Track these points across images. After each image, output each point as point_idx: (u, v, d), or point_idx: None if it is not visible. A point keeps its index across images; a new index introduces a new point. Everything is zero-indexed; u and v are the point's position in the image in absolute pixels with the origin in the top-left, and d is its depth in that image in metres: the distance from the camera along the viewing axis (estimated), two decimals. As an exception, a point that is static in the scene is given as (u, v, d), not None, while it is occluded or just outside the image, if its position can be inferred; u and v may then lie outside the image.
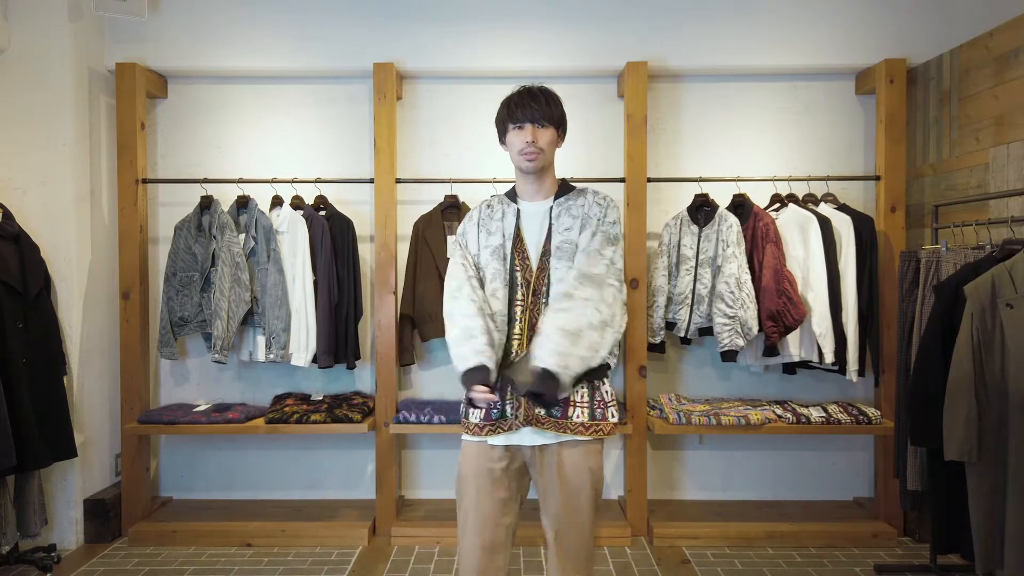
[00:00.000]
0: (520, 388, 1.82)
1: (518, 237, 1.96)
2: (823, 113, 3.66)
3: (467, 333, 1.86)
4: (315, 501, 3.69)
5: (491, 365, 1.82)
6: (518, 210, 1.99)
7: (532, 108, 1.90)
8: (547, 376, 1.73)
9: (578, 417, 1.88)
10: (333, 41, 3.54)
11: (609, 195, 2.00)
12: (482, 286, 1.95)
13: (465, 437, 1.96)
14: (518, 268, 1.93)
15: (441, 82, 3.67)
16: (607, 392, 1.93)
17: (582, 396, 1.89)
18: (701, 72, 3.61)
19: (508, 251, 1.94)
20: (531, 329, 1.88)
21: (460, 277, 1.95)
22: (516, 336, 1.91)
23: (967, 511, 2.42)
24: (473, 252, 1.99)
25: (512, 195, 2.04)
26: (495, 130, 2.02)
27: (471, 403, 1.92)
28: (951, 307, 2.51)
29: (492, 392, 1.81)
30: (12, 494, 2.95)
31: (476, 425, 1.91)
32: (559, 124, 1.96)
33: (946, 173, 3.29)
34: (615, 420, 1.93)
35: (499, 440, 1.90)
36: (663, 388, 3.68)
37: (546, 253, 1.93)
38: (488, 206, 2.04)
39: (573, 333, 1.76)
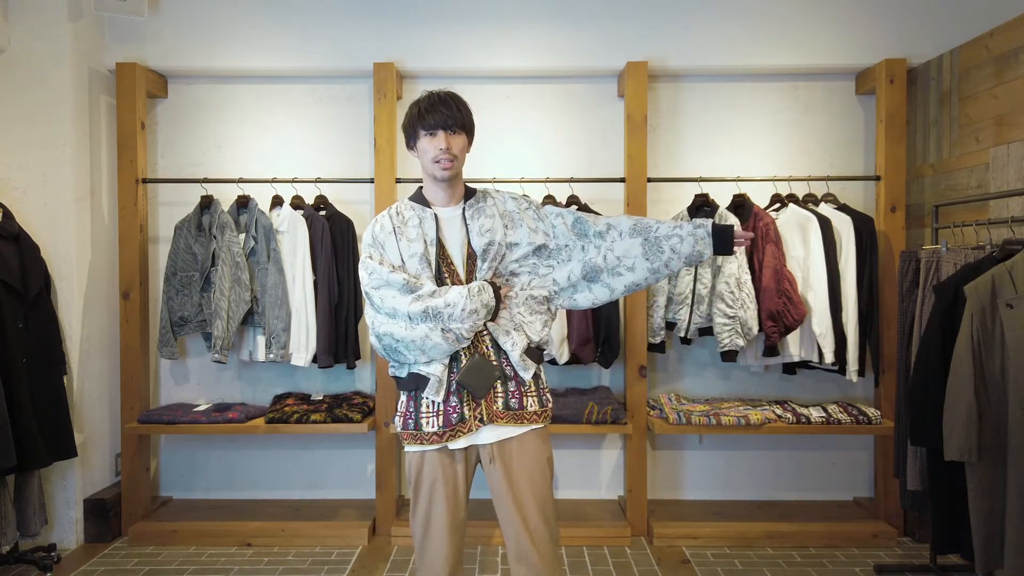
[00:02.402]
0: (478, 392, 1.87)
1: (439, 242, 1.93)
2: (823, 113, 3.66)
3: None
4: (315, 501, 3.69)
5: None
6: (436, 215, 1.95)
7: (444, 114, 1.88)
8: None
9: (532, 406, 1.93)
10: (333, 41, 3.54)
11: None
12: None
13: (417, 448, 1.91)
14: (445, 274, 1.91)
15: (441, 82, 3.57)
16: (544, 377, 2.01)
17: (531, 384, 1.95)
18: (701, 72, 3.60)
19: (433, 257, 1.91)
20: None
21: (401, 277, 1.86)
22: None
23: (967, 511, 2.42)
24: (396, 263, 1.91)
25: (422, 200, 1.98)
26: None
27: (414, 412, 1.91)
28: (951, 307, 2.51)
29: (450, 391, 1.88)
30: (12, 494, 2.95)
31: (434, 434, 1.88)
32: (469, 130, 1.96)
33: (946, 173, 3.29)
34: (550, 404, 2.01)
35: (461, 443, 1.89)
36: (663, 388, 3.68)
37: (471, 256, 1.93)
38: (398, 213, 1.96)
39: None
